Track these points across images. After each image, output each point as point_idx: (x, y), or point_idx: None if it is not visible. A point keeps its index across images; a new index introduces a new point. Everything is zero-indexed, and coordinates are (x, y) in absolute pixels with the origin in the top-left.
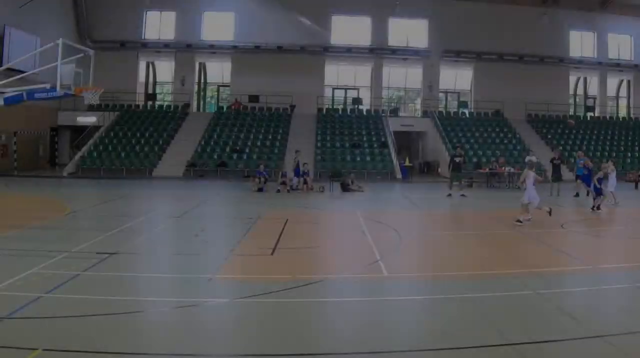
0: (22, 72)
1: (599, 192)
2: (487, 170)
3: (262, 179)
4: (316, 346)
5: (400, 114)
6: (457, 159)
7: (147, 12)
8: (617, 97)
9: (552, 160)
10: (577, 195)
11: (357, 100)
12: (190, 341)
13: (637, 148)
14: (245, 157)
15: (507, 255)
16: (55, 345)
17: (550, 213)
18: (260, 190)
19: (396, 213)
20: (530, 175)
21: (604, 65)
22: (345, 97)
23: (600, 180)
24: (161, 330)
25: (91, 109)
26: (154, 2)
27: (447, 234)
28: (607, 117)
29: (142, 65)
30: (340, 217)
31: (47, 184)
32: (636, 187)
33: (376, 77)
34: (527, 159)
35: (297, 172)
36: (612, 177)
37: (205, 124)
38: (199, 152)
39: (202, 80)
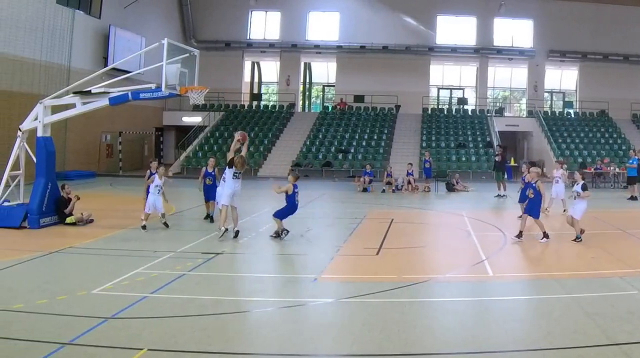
0: (127, 72)
1: None
2: (592, 170)
3: (368, 179)
4: (421, 346)
5: (506, 113)
6: (497, 158)
7: (252, 12)
8: None
9: None
10: (633, 198)
11: (462, 100)
12: (296, 341)
13: None
14: (350, 157)
15: (612, 255)
16: (160, 345)
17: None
18: (365, 190)
19: (501, 213)
20: None
21: None
22: (451, 97)
23: None
24: (267, 330)
25: (196, 109)
26: (259, 2)
27: (552, 234)
28: None
29: (247, 65)
30: (445, 217)
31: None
32: None
33: (481, 76)
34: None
35: (426, 172)
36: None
37: (310, 124)
38: (304, 152)
39: (307, 80)
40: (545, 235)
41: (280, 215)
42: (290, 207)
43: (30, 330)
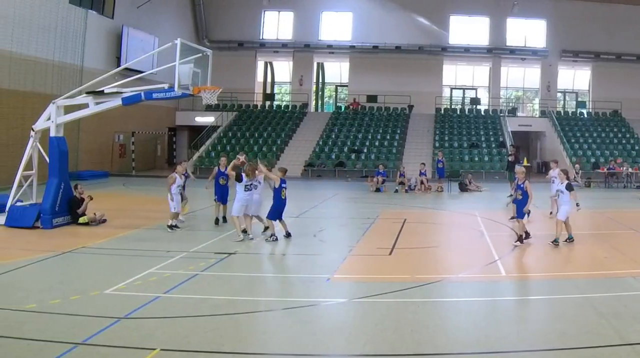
0: (140, 72)
1: None
2: (604, 170)
3: (380, 179)
4: (434, 346)
5: (518, 113)
6: (510, 158)
7: (265, 12)
8: None
9: None
10: None
11: (475, 100)
12: (309, 341)
13: None
14: (363, 157)
15: (625, 255)
16: (173, 345)
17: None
18: (378, 190)
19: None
20: None
21: None
22: (463, 97)
23: None
24: (279, 330)
25: (209, 109)
26: (272, 2)
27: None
28: None
29: (260, 65)
30: (458, 217)
31: (165, 184)
32: None
33: (494, 76)
34: None
35: (439, 172)
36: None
37: (323, 124)
38: (317, 152)
39: (320, 80)
40: (520, 239)
41: (272, 215)
42: (277, 203)
43: (43, 330)
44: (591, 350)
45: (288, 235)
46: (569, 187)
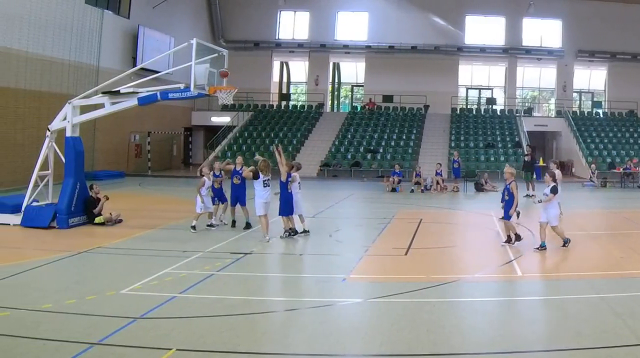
0: (156, 72)
1: None
2: (620, 170)
3: (396, 179)
4: (450, 346)
5: (534, 113)
6: (526, 158)
7: (281, 12)
8: None
9: None
10: None
11: (491, 100)
12: (325, 341)
13: None
14: (379, 157)
15: None
16: (189, 345)
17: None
18: (394, 190)
19: (530, 212)
20: None
21: None
22: (479, 97)
23: None
24: (295, 330)
25: (225, 109)
26: (288, 2)
27: (581, 234)
28: None
29: (276, 65)
30: (474, 217)
31: (181, 184)
32: None
33: (510, 76)
34: None
35: (455, 172)
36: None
37: (339, 123)
38: (332, 152)
39: (336, 80)
40: (509, 239)
41: (284, 211)
42: (286, 198)
43: (59, 330)
44: (607, 350)
45: (295, 232)
46: (554, 190)
